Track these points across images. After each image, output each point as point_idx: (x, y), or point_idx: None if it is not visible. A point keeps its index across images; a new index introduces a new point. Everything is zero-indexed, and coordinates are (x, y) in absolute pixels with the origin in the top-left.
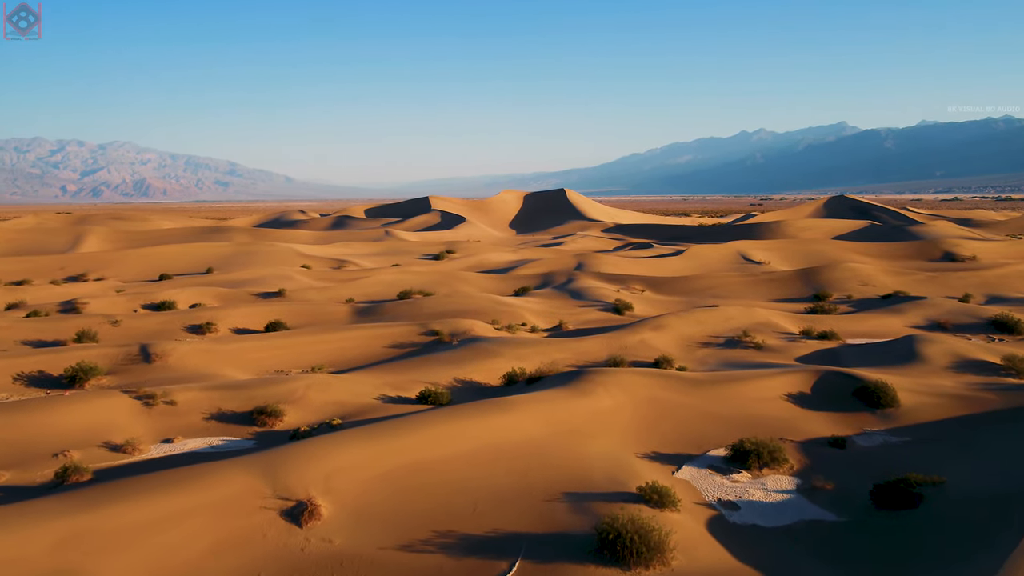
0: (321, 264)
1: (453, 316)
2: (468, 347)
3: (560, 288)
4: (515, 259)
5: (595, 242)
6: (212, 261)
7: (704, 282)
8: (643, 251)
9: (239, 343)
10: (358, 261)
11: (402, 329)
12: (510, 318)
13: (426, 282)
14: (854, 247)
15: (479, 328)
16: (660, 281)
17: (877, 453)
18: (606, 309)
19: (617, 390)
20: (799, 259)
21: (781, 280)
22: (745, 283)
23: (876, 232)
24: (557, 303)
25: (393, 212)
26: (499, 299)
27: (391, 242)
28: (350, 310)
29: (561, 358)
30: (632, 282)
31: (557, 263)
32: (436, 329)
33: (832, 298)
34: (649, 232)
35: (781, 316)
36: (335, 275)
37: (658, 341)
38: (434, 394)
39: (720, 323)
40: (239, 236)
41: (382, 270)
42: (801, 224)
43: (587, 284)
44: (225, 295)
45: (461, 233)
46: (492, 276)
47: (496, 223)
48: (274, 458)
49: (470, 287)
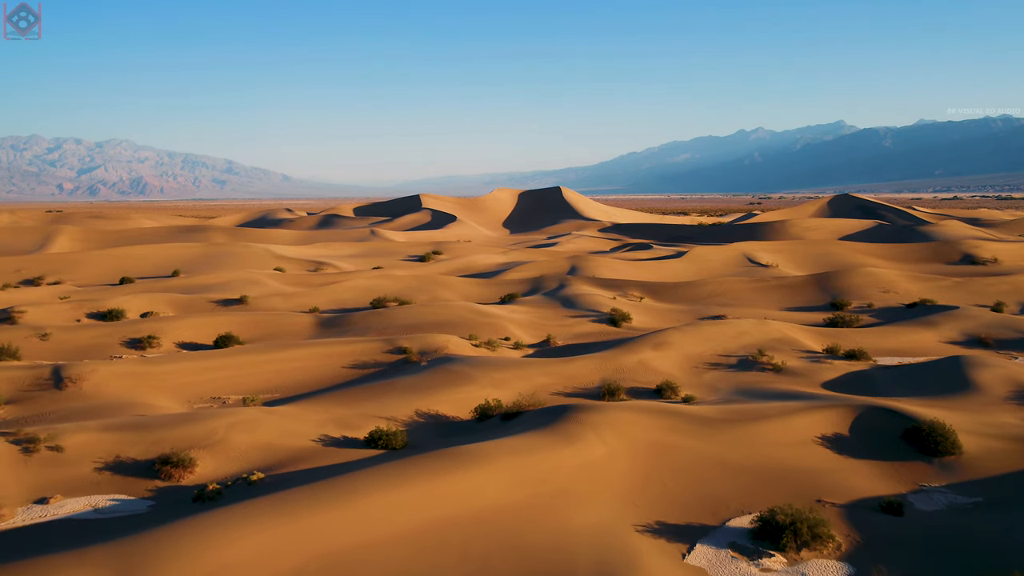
0: (297, 266)
1: (427, 329)
2: (438, 369)
3: (551, 295)
4: (504, 261)
5: (591, 242)
6: (181, 263)
7: (709, 288)
8: (641, 252)
9: (173, 364)
10: (337, 263)
11: (366, 346)
12: (492, 332)
13: (404, 288)
14: (866, 249)
15: (454, 345)
16: (660, 287)
17: (945, 521)
18: (601, 320)
19: (611, 434)
20: (808, 262)
21: (794, 286)
22: (754, 289)
23: (885, 232)
24: (546, 313)
25: (383, 211)
26: (481, 309)
27: (376, 242)
28: (313, 321)
29: (546, 384)
30: (630, 288)
31: (549, 266)
32: (404, 346)
33: (851, 307)
34: (647, 232)
35: (799, 330)
36: (308, 279)
37: (660, 362)
38: (386, 435)
39: (731, 339)
40: (217, 236)
41: (358, 274)
42: (806, 224)
43: (580, 290)
44: (182, 302)
45: (451, 233)
46: (477, 281)
47: (489, 222)
48: (138, 551)
49: (452, 293)
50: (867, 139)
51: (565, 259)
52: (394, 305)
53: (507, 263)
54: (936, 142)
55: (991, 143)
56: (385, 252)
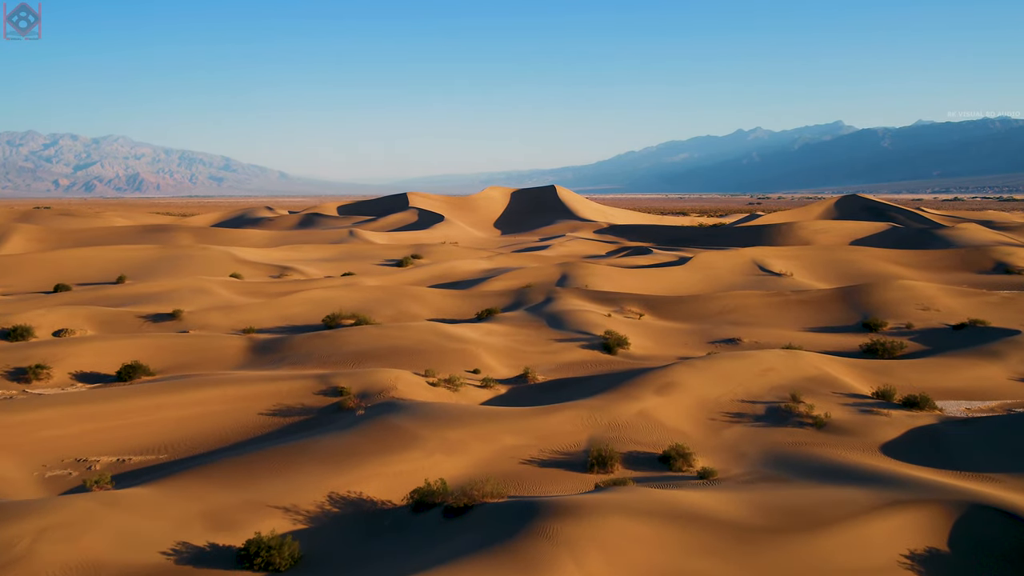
0: (259, 272)
1: (379, 359)
2: (376, 423)
3: (536, 311)
4: (489, 268)
5: (585, 246)
6: (131, 267)
7: (719, 303)
8: (640, 258)
9: (33, 412)
10: (304, 268)
11: (294, 385)
12: (458, 361)
13: (367, 301)
14: (887, 256)
15: (405, 384)
16: (662, 302)
17: None
18: (592, 345)
19: (598, 559)
20: (826, 270)
21: (818, 302)
22: (772, 305)
23: (900, 236)
24: (528, 334)
25: (368, 209)
26: (449, 332)
27: (353, 244)
28: (246, 346)
29: (515, 447)
30: (627, 302)
31: (537, 274)
32: (341, 386)
33: (888, 327)
34: (646, 234)
35: (838, 365)
36: (263, 288)
37: (666, 412)
38: (267, 549)
39: (755, 378)
40: (183, 237)
41: (319, 283)
42: (816, 226)
43: (570, 305)
44: (105, 318)
45: (438, 234)
46: (454, 293)
47: (480, 222)
48: None
49: (421, 308)
50: (865, 139)
51: (555, 266)
52: (350, 323)
53: (491, 270)
54: (934, 143)
55: (989, 144)
56: (361, 255)
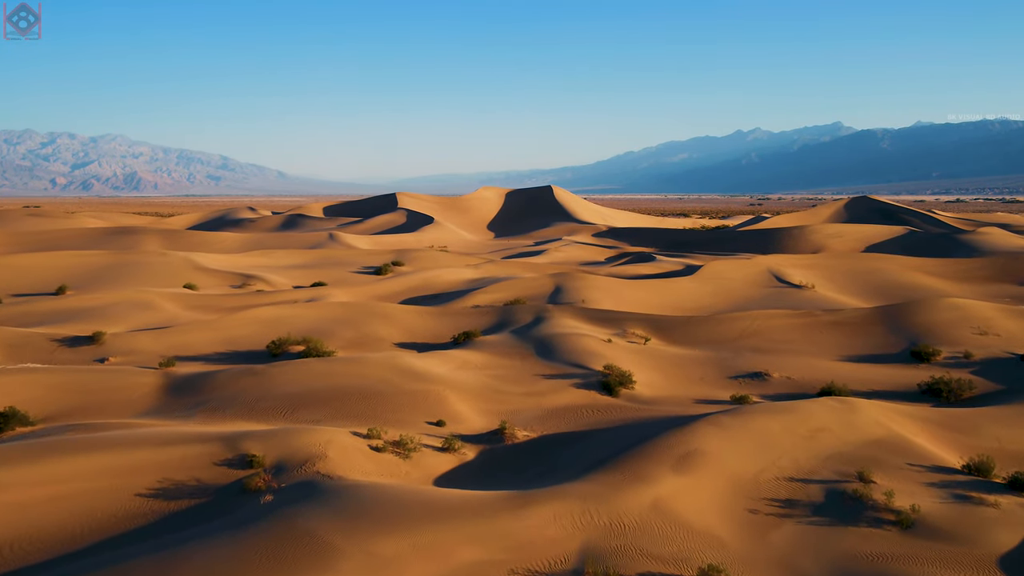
0: (220, 281)
1: (320, 404)
2: (280, 522)
3: (522, 334)
4: (474, 278)
5: (583, 251)
6: (77, 276)
7: (739, 325)
8: (642, 265)
9: None
10: (270, 277)
11: (191, 451)
12: (420, 409)
13: (326, 321)
14: (918, 265)
15: (338, 450)
16: (672, 323)
17: None
18: (588, 383)
19: None
20: (851, 281)
21: (855, 324)
22: (800, 328)
23: (919, 241)
24: (511, 367)
25: (355, 210)
26: (413, 366)
27: (331, 249)
28: (160, 384)
29: (475, 564)
30: (630, 323)
31: (528, 286)
32: (252, 454)
33: (942, 356)
34: (648, 238)
35: (905, 419)
36: (215, 302)
37: (689, 502)
38: None
39: (803, 442)
40: (149, 241)
41: (277, 296)
42: (828, 230)
43: (564, 327)
44: (13, 340)
45: (426, 237)
46: (430, 311)
47: (472, 224)
48: None
49: (389, 329)
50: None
51: (548, 277)
52: (299, 349)
53: (477, 280)
54: (934, 144)
55: (989, 145)
56: (338, 262)
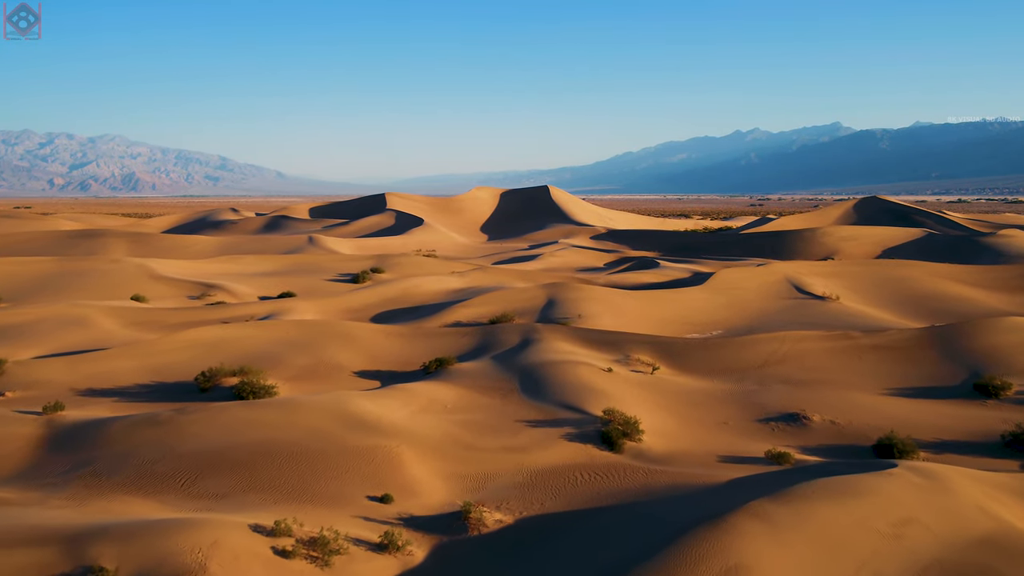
0: (177, 291)
1: (234, 468)
2: None
3: (506, 361)
4: (459, 288)
5: (580, 256)
6: (16, 286)
7: (763, 350)
8: (645, 273)
9: None
10: (235, 286)
11: (15, 560)
12: (364, 474)
13: (278, 344)
14: (947, 272)
15: (225, 557)
16: (684, 346)
17: None
18: (584, 434)
19: None
20: (879, 292)
21: (901, 348)
22: (837, 352)
23: (940, 245)
24: (488, 408)
25: (342, 212)
26: (362, 412)
27: (307, 255)
28: (39, 436)
29: None
30: (635, 346)
31: (517, 298)
32: (100, 568)
33: (1013, 391)
34: (649, 241)
35: (1013, 498)
36: (160, 318)
37: None
38: None
39: (885, 546)
40: (114, 244)
41: (232, 309)
42: (841, 233)
43: (556, 352)
44: None
45: (415, 239)
46: (399, 331)
47: (465, 226)
48: None
49: (351, 353)
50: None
51: (541, 287)
52: (232, 382)
53: (461, 291)
54: (933, 144)
55: (988, 146)
56: (313, 268)
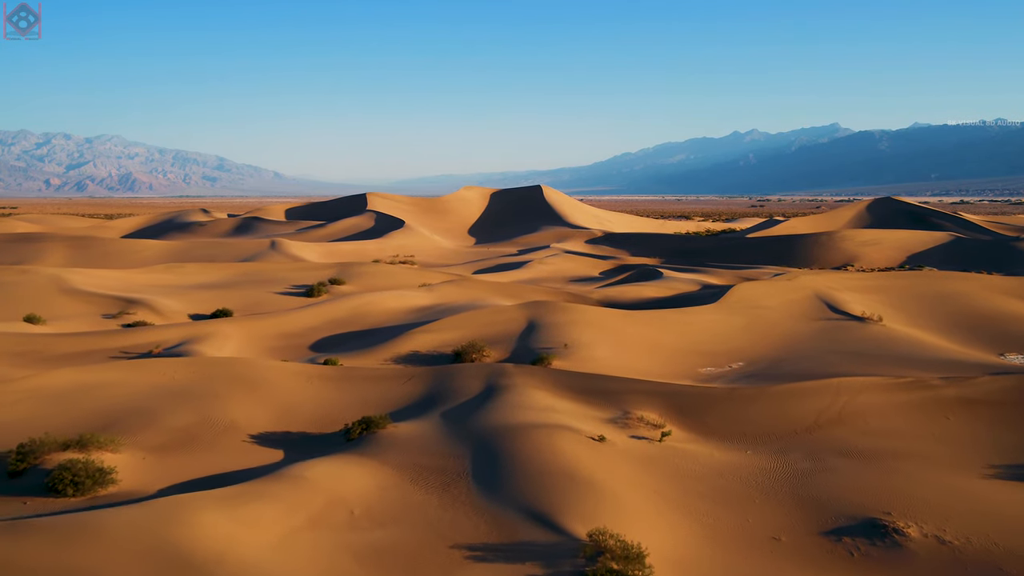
0: (93, 307)
1: None
2: None
3: (460, 421)
4: (424, 306)
5: (574, 263)
6: None
7: (811, 403)
8: (647, 285)
9: None
10: (163, 302)
11: None
12: None
13: (157, 391)
14: (1004, 286)
15: None
16: (702, 399)
17: None
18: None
19: None
20: (928, 310)
21: (999, 404)
22: (911, 409)
23: (971, 250)
24: (417, 516)
25: (320, 213)
26: (191, 554)
27: (265, 262)
28: None
29: None
30: (636, 399)
31: (491, 322)
32: None
33: None
34: (649, 245)
35: None
36: (41, 347)
37: None
38: None
39: None
40: (51, 250)
41: (123, 339)
42: (861, 237)
43: (527, 411)
44: None
45: (392, 244)
46: (325, 374)
47: (451, 229)
48: None
49: (253, 406)
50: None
51: (521, 308)
52: (61, 459)
53: (427, 309)
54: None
55: (986, 147)
56: (265, 279)
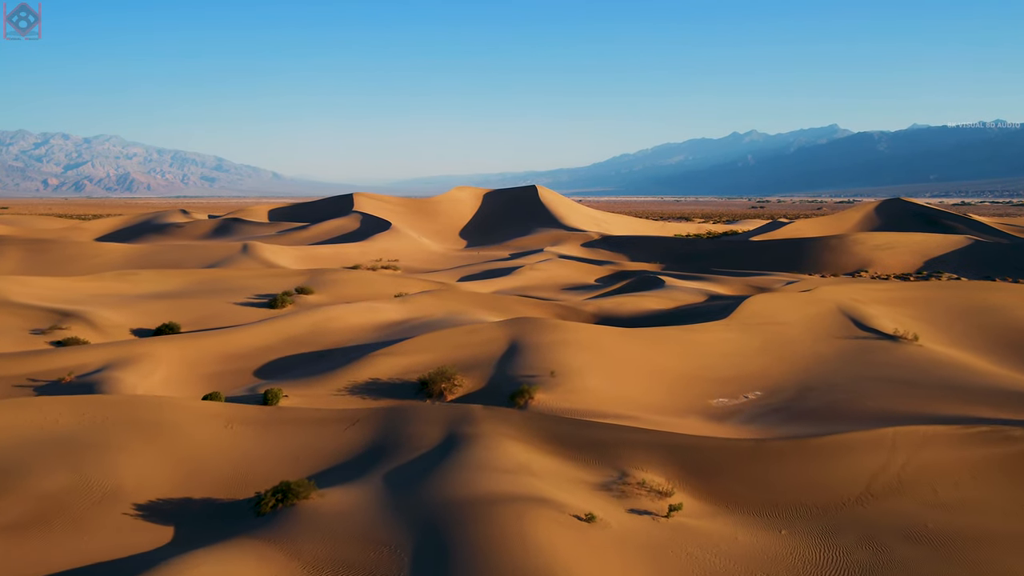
0: (24, 321)
1: None
2: None
3: (407, 487)
4: (393, 322)
5: (568, 269)
6: None
7: (860, 461)
8: (648, 295)
9: None
10: (104, 314)
11: None
12: None
13: (27, 441)
14: None
15: None
16: (719, 455)
17: None
18: None
19: None
20: (965, 325)
21: None
22: (989, 469)
23: (992, 255)
24: None
25: (305, 214)
26: None
27: (230, 268)
28: None
29: None
30: (636, 454)
31: (466, 343)
32: None
33: None
34: (650, 249)
35: None
36: None
37: None
38: None
39: None
40: (7, 253)
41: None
42: (874, 240)
43: (494, 474)
44: None
45: (376, 247)
46: (248, 415)
47: (441, 231)
48: None
49: (146, 463)
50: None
51: (502, 327)
52: None
53: (397, 325)
54: (931, 146)
55: (986, 148)
56: (227, 287)
